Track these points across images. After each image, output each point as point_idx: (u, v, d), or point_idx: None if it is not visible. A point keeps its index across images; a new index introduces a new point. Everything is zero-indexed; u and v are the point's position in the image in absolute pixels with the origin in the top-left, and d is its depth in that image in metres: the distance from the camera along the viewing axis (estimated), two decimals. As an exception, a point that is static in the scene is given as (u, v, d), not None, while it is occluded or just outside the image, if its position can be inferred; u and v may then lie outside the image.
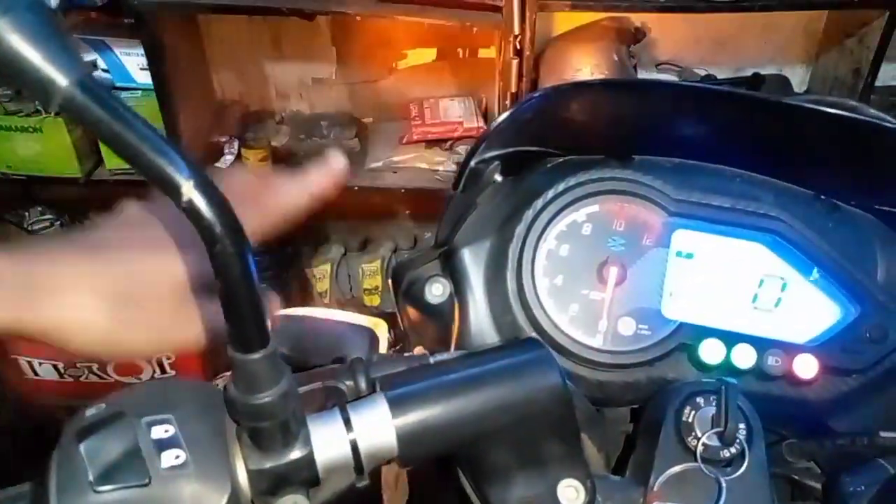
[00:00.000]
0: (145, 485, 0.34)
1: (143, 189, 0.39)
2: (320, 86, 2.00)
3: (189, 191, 0.30)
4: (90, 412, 0.36)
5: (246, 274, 0.32)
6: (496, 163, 0.61)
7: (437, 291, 0.64)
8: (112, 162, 1.82)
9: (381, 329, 0.66)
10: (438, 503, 0.77)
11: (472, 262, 0.62)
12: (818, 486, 0.56)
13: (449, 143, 1.77)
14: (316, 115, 1.98)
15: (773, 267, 0.59)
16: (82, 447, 0.34)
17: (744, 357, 0.56)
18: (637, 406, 0.59)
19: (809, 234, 0.58)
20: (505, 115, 0.56)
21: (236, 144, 1.90)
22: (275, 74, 2.02)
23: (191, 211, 0.30)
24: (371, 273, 2.16)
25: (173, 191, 0.30)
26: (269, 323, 0.34)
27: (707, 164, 0.64)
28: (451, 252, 0.62)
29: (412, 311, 0.65)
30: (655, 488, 0.47)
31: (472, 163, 0.58)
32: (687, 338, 0.56)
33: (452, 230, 0.62)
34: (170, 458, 0.34)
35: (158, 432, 0.35)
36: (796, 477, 0.58)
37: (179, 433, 0.35)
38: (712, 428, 0.49)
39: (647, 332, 0.58)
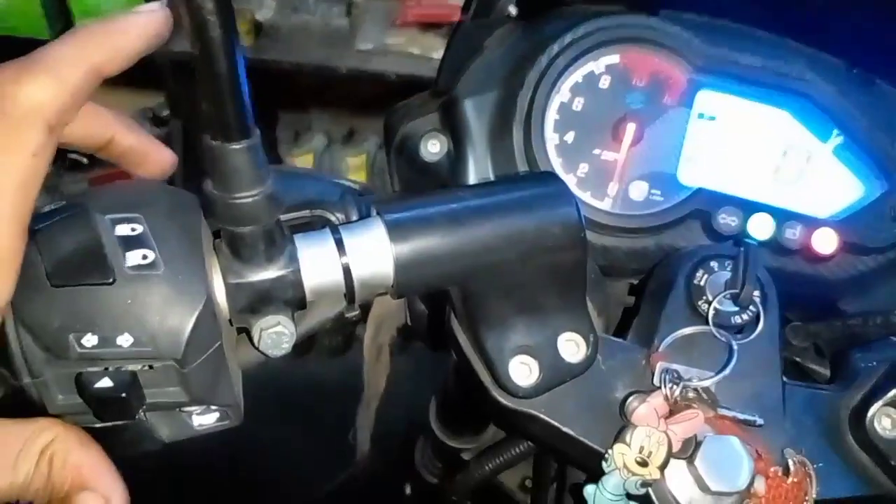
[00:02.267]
0: (109, 283, 0.29)
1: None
2: (310, -42, 1.87)
3: None
4: (47, 207, 0.32)
5: (228, 40, 0.27)
6: None
7: (433, 148, 0.59)
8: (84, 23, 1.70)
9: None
10: (422, 373, 0.75)
11: (475, 114, 0.56)
12: (821, 368, 0.54)
13: (446, 27, 1.67)
14: (304, -10, 1.86)
15: (799, 137, 0.54)
16: (36, 240, 0.30)
17: (761, 228, 0.52)
18: (638, 281, 0.55)
19: (841, 101, 0.54)
20: None
21: (218, 16, 1.78)
22: (261, -57, 1.87)
23: None
24: (356, 167, 2.10)
25: None
26: (251, 111, 0.29)
27: (737, 24, 0.58)
28: (451, 103, 0.57)
29: (405, 170, 0.60)
30: (661, 349, 0.45)
31: None
32: (703, 204, 0.53)
33: (454, 77, 0.57)
34: (136, 257, 0.30)
35: (124, 230, 0.31)
36: (798, 359, 0.56)
37: (149, 233, 0.31)
38: (726, 292, 0.46)
39: (659, 198, 0.54)
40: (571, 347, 0.42)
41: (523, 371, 0.42)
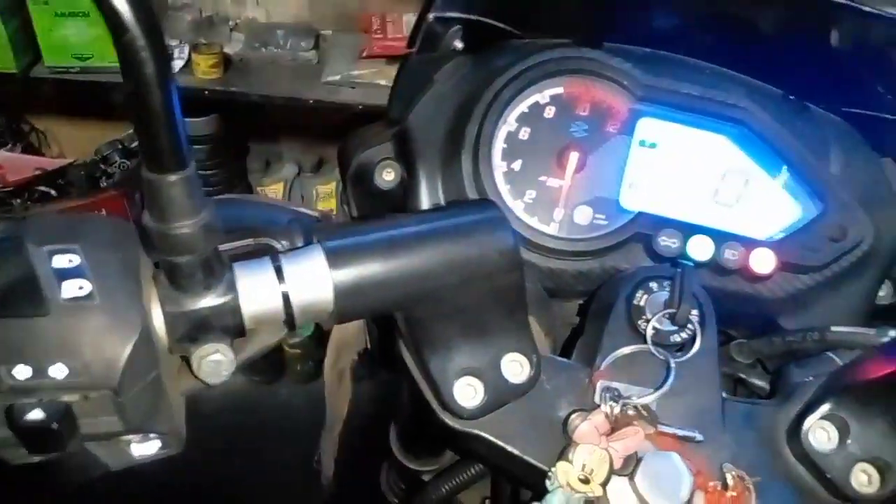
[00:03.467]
0: (43, 315, 0.30)
1: (82, 88, 0.34)
2: (278, -8, 1.90)
3: None
4: (-19, 239, 0.32)
5: (161, 73, 0.28)
6: (457, 27, 0.57)
7: (388, 177, 0.60)
8: (51, 58, 1.70)
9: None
10: (382, 397, 0.75)
11: (427, 143, 0.58)
12: (764, 384, 0.56)
13: (411, 59, 1.70)
14: (272, 24, 1.88)
15: (737, 161, 0.57)
16: (-32, 272, 0.30)
17: (701, 249, 0.54)
18: (585, 301, 0.57)
19: (777, 127, 0.56)
20: None
21: (186, 49, 1.79)
22: (230, -22, 1.90)
23: None
24: (326, 195, 2.11)
25: None
26: (185, 143, 0.30)
27: (678, 55, 0.61)
28: (403, 132, 0.58)
29: (362, 197, 0.61)
30: (602, 368, 0.46)
31: (430, 16, 0.53)
32: (644, 227, 0.54)
33: (406, 108, 0.58)
34: (72, 288, 0.31)
35: (61, 261, 0.31)
36: (743, 376, 0.57)
37: (86, 263, 0.31)
38: (664, 312, 0.47)
39: (603, 222, 0.55)
40: (515, 368, 0.43)
41: (468, 392, 0.43)
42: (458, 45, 0.58)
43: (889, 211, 0.58)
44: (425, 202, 0.58)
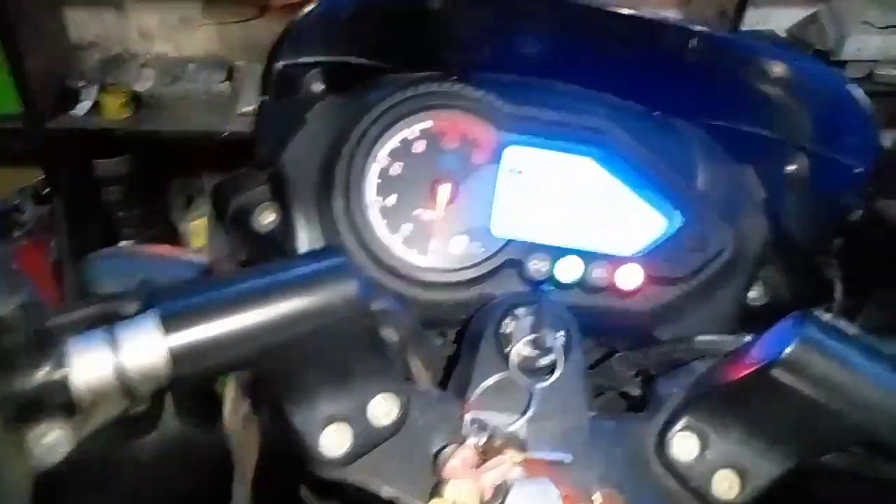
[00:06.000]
0: None
1: None
2: (187, 26, 1.87)
3: None
4: None
5: None
6: (314, 71, 0.57)
7: (266, 220, 0.60)
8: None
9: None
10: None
11: (301, 185, 0.58)
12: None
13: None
14: (183, 59, 1.86)
15: (602, 181, 0.59)
16: None
17: (569, 271, 0.56)
18: (460, 330, 0.58)
19: (637, 146, 0.58)
20: (310, 8, 0.52)
21: (94, 90, 1.75)
22: (136, 14, 1.87)
23: None
24: (253, 226, 2.08)
25: None
26: None
27: (544, 79, 0.63)
28: (278, 175, 0.59)
29: (241, 241, 0.61)
30: (473, 398, 0.47)
31: (279, 65, 0.54)
32: (515, 254, 0.56)
33: (277, 149, 0.58)
34: None
35: None
36: (626, 389, 0.59)
37: None
38: (527, 337, 0.49)
39: (477, 251, 0.57)
40: (383, 409, 0.44)
41: (336, 440, 0.43)
42: (317, 88, 0.58)
43: (751, 218, 0.61)
44: (304, 243, 0.58)
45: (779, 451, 0.44)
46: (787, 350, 0.40)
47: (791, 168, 0.59)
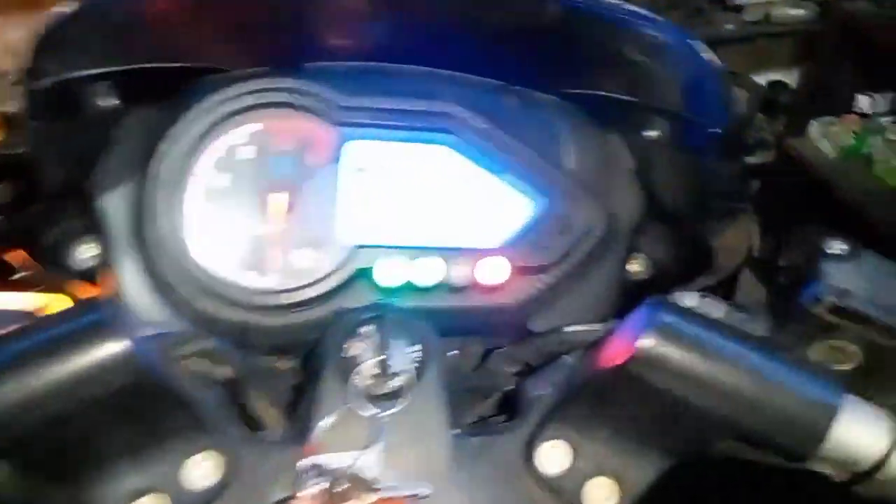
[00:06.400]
0: None
1: None
2: None
3: None
4: None
5: None
6: (98, 84, 0.50)
7: (85, 254, 0.53)
8: None
9: (59, 306, 0.54)
10: None
11: (115, 212, 0.51)
12: None
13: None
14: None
15: (456, 169, 0.53)
16: None
17: (429, 272, 0.50)
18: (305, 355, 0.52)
19: (492, 128, 0.53)
20: (62, 12, 0.45)
21: (-41, 114, 1.61)
22: (1, 30, 1.72)
23: None
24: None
25: None
26: None
27: (387, 65, 0.57)
28: (87, 203, 0.52)
29: (60, 280, 0.53)
30: (314, 440, 0.41)
31: (45, 82, 0.46)
32: (365, 261, 0.50)
33: (77, 175, 0.51)
34: None
35: None
36: (508, 389, 0.54)
37: None
38: (373, 360, 0.43)
39: (323, 263, 0.51)
40: (203, 470, 0.38)
41: None
42: (111, 101, 0.51)
43: (623, 190, 0.57)
44: (126, 278, 0.51)
45: (652, 452, 0.40)
46: (638, 343, 0.36)
47: (653, 133, 0.55)
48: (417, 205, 0.53)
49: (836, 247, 0.39)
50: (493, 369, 0.54)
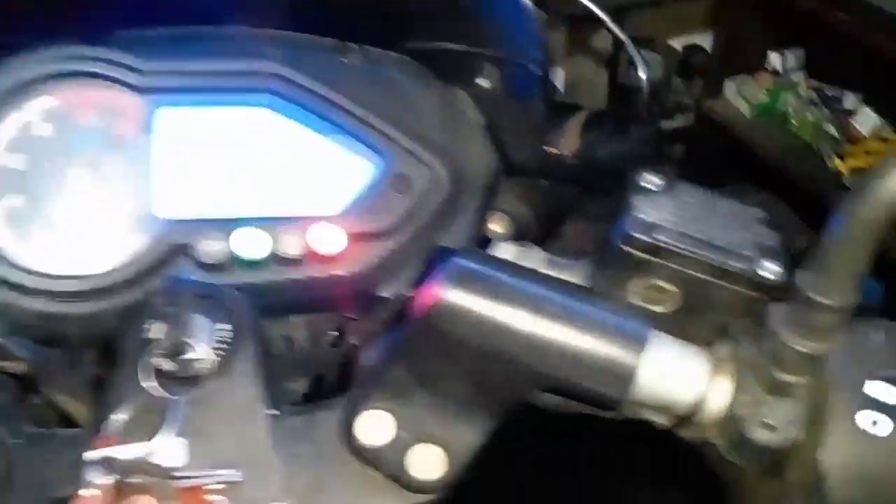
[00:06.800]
0: None
1: None
2: None
3: None
4: None
5: None
6: None
7: None
8: None
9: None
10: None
11: None
12: None
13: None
14: None
15: (280, 133, 0.50)
16: None
17: (254, 245, 0.47)
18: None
19: (320, 86, 0.50)
20: None
21: None
22: None
23: None
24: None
25: None
26: None
27: (205, 27, 0.53)
28: None
29: None
30: (109, 432, 0.37)
31: None
32: (182, 237, 0.46)
33: None
34: None
35: None
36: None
37: None
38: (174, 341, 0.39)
39: (136, 241, 0.47)
40: None
41: None
42: None
43: (472, 146, 0.55)
44: None
45: (474, 413, 0.38)
46: (433, 291, 0.33)
47: (486, 83, 0.52)
48: (239, 173, 0.49)
49: (649, 180, 0.37)
50: (338, 343, 0.51)
